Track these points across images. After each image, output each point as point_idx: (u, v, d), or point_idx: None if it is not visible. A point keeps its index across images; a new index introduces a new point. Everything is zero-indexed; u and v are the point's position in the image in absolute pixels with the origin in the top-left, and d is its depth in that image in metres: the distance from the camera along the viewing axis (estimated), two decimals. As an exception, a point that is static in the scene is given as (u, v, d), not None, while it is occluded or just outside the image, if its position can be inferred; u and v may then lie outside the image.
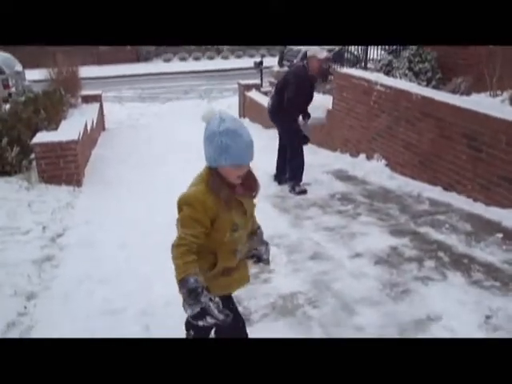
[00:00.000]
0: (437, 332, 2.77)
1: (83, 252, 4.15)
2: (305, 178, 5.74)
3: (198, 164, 2.09)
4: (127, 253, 4.04)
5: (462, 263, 3.59)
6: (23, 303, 3.29)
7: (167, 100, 15.78)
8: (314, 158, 6.83)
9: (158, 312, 3.08)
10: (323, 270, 3.57)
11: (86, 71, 12.27)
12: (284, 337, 2.73)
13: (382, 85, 6.22)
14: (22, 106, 8.19)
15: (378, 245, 3.97)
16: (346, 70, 8.01)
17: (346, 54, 11.54)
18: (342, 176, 6.05)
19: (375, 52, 9.51)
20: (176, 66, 25.72)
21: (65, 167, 6.36)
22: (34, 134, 6.72)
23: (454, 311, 2.96)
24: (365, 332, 2.79)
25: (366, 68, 8.90)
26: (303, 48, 17.19)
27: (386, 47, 9.93)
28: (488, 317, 2.89)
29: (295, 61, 16.10)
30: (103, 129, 11.52)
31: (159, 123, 12.51)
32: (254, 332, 2.80)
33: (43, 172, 6.31)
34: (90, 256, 4.05)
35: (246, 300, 3.19)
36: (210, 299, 1.76)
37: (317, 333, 2.80)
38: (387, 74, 8.05)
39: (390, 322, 2.88)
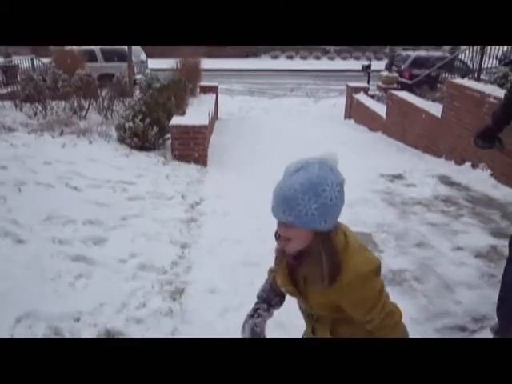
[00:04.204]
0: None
1: (219, 219, 4.95)
2: (410, 178, 6.20)
3: (298, 154, 2.47)
4: (258, 222, 4.73)
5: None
6: (180, 250, 4.15)
7: (274, 96, 16.61)
8: (419, 162, 7.26)
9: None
10: (427, 256, 4.07)
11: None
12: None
13: (495, 97, 6.47)
14: (157, 93, 9.35)
15: (478, 242, 4.35)
16: (459, 80, 8.26)
17: (456, 63, 11.60)
18: (446, 181, 6.39)
19: (489, 62, 9.55)
20: (283, 63, 26.66)
21: (194, 148, 7.32)
22: (168, 117, 7.75)
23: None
24: (462, 306, 3.30)
25: (478, 79, 9.04)
26: (412, 54, 17.23)
27: (502, 59, 9.95)
28: None
29: (403, 66, 16.25)
30: (217, 118, 12.58)
31: (267, 117, 13.36)
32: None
33: (176, 150, 7.31)
34: (225, 222, 4.84)
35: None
36: None
37: (421, 301, 3.36)
38: (501, 86, 8.16)
39: (486, 302, 3.33)
